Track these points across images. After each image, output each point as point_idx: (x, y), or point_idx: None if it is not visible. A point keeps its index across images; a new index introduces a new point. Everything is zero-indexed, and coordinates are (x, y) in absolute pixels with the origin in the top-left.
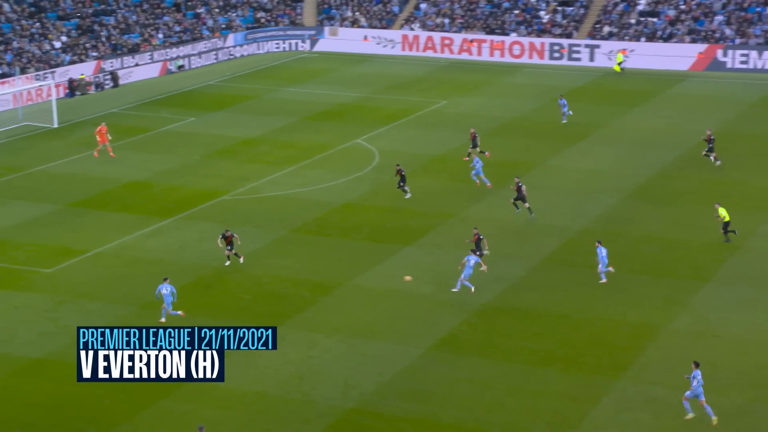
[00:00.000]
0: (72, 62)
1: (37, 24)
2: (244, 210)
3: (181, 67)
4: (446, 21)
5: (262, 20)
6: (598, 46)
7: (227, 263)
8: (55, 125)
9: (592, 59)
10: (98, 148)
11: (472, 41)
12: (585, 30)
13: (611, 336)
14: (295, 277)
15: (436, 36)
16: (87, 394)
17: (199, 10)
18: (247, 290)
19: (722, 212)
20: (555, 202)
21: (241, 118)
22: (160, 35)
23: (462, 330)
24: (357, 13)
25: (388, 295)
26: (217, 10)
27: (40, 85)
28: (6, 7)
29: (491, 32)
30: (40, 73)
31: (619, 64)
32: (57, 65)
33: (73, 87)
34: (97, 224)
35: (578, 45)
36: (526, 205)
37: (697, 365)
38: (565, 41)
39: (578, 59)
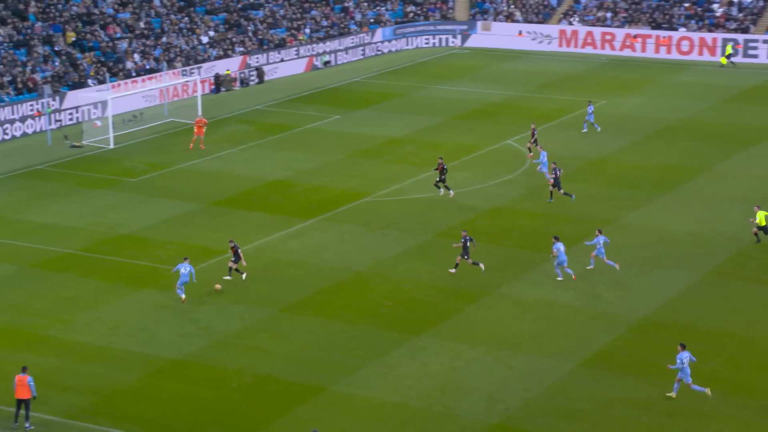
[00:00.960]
0: (218, 57)
1: (186, 18)
2: (387, 212)
3: (327, 63)
4: (608, 15)
5: (412, 14)
6: None
7: (227, 277)
8: None
9: None
10: (194, 139)
11: (635, 37)
12: (764, 24)
13: None
14: (439, 284)
15: (597, 31)
16: (224, 398)
17: (347, 4)
18: (389, 296)
19: (760, 216)
20: (723, 210)
21: (387, 116)
22: (307, 30)
23: (617, 346)
24: (512, 7)
25: (537, 305)
26: (365, 4)
27: (186, 81)
28: (156, 1)
29: (657, 27)
30: (187, 68)
31: (728, 56)
32: (203, 60)
33: (219, 83)
34: (237, 224)
35: (755, 41)
36: (561, 191)
37: (683, 347)
38: (740, 36)
39: (755, 56)
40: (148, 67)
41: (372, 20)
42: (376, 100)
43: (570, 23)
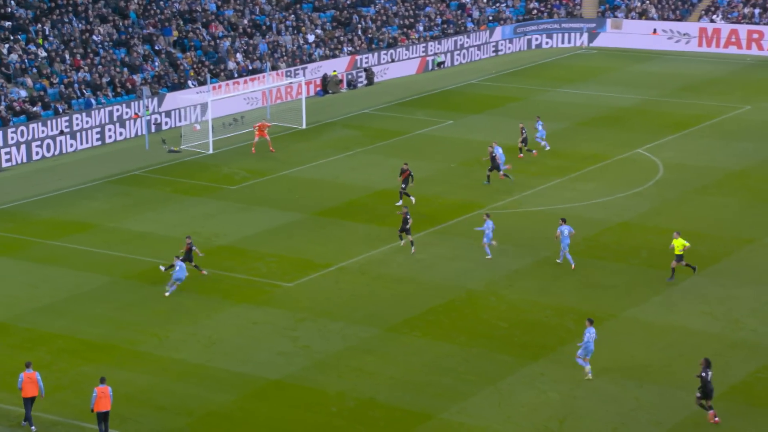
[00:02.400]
0: (324, 57)
1: (292, 16)
2: (505, 226)
3: (441, 63)
4: (756, 11)
5: (535, 12)
6: None
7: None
8: (303, 126)
9: None
10: (255, 142)
11: None
12: None
13: None
14: (559, 305)
15: (742, 29)
16: (324, 423)
17: (464, 1)
18: (504, 317)
19: (677, 243)
20: None
21: (505, 122)
22: (420, 28)
23: (759, 378)
24: (646, 3)
25: (668, 331)
26: (484, 0)
27: (291, 83)
28: None
29: None
30: (291, 69)
31: None
32: (309, 61)
33: (325, 84)
34: (342, 236)
35: None
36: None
37: (591, 322)
38: None
39: None
40: (251, 67)
41: (491, 18)
42: (493, 104)
43: (712, 20)
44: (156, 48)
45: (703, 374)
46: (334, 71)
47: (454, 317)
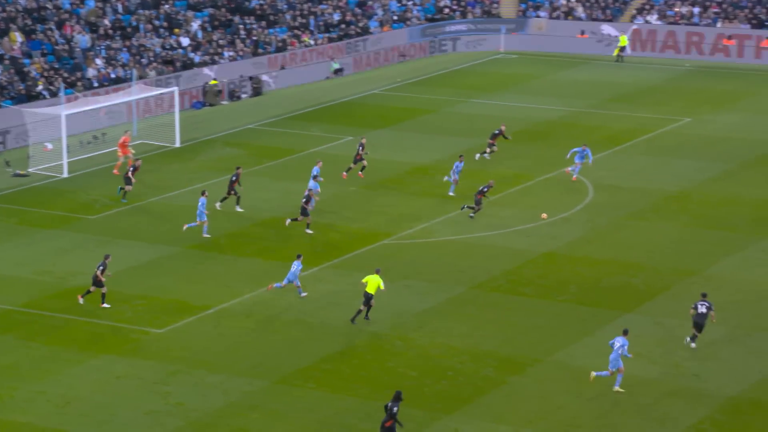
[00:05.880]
0: (202, 64)
1: (162, 14)
2: (412, 258)
3: (338, 70)
4: (695, 10)
5: (446, 10)
6: None
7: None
8: (177, 144)
9: None
10: (118, 163)
11: (731, 38)
12: None
13: None
14: (476, 349)
15: (680, 31)
16: None
17: None
18: (413, 365)
19: (371, 283)
20: None
21: (412, 138)
22: (314, 29)
23: (702, 430)
24: (573, 1)
25: (600, 377)
26: None
27: (161, 93)
28: None
29: (759, 25)
30: (162, 77)
31: (621, 48)
32: (183, 68)
33: (203, 95)
34: (222, 273)
35: None
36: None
37: (625, 333)
38: None
39: None
40: (113, 75)
41: (396, 17)
42: (399, 118)
43: (646, 21)
44: None
45: (392, 407)
46: (214, 80)
47: (355, 365)
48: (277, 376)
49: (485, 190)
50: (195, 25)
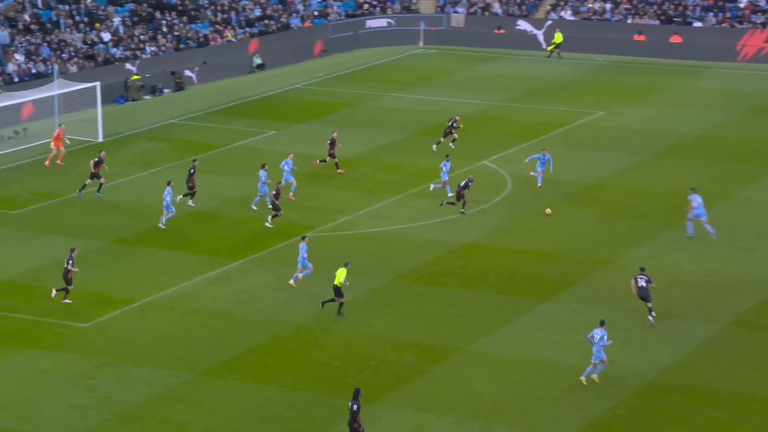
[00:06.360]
0: (123, 59)
1: (83, 9)
2: (335, 250)
3: (260, 65)
4: (607, 6)
5: (366, 6)
6: None
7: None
8: (100, 139)
9: None
10: (50, 155)
11: (641, 33)
12: None
13: None
14: (398, 339)
15: (594, 26)
16: None
17: None
18: (336, 355)
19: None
20: (749, 246)
21: (334, 131)
22: (235, 24)
23: (617, 414)
24: None
25: (519, 364)
26: None
27: (83, 88)
28: None
29: (669, 21)
30: (84, 72)
31: (556, 45)
32: (105, 62)
33: (125, 90)
34: (147, 266)
35: None
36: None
37: (602, 324)
38: None
39: None
40: (34, 71)
41: (317, 13)
42: (321, 112)
43: (560, 17)
44: None
45: (351, 405)
46: (135, 75)
47: (279, 356)
48: (202, 367)
49: (469, 184)
50: (116, 21)
